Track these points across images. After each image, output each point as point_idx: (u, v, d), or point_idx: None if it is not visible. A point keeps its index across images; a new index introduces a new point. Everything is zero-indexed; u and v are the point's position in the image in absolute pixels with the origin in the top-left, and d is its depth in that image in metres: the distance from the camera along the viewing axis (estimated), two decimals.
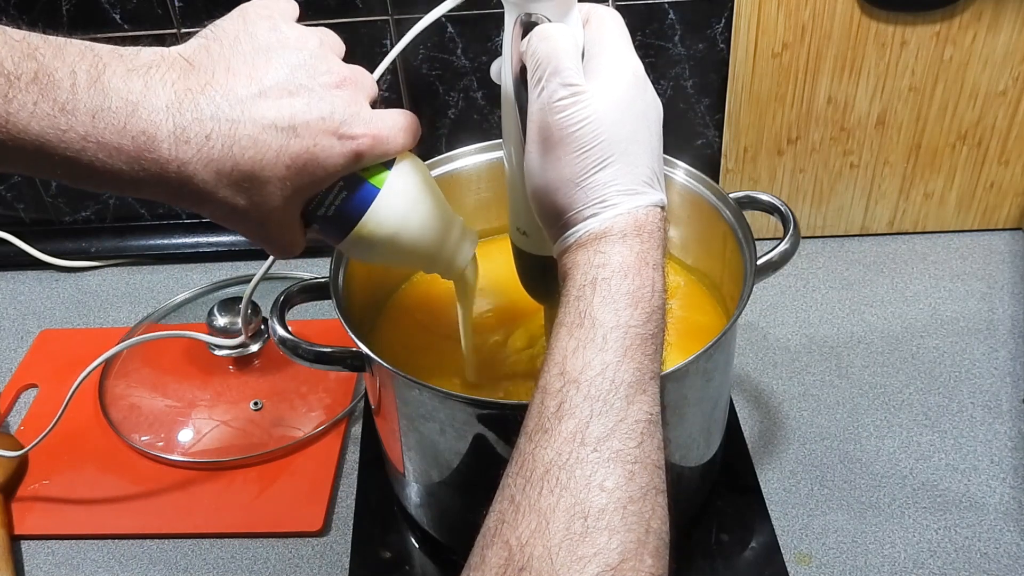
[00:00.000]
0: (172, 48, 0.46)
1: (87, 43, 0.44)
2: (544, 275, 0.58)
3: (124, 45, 0.45)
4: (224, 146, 0.45)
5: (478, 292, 0.71)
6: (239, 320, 0.83)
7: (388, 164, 0.53)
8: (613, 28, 0.50)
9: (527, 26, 0.49)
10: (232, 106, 0.45)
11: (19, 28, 0.42)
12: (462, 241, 0.59)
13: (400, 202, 0.53)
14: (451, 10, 0.53)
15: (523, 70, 0.49)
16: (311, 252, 1.01)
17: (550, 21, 0.49)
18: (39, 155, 0.42)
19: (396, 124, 0.51)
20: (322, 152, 0.48)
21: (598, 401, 0.42)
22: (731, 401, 0.78)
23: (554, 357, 0.44)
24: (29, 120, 0.41)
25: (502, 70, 0.52)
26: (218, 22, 0.48)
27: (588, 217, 0.47)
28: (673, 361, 0.55)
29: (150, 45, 0.46)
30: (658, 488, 0.42)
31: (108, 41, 0.44)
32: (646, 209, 0.47)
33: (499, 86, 0.54)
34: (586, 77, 0.47)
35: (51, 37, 0.43)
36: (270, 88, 0.46)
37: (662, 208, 0.48)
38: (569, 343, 0.43)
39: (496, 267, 0.74)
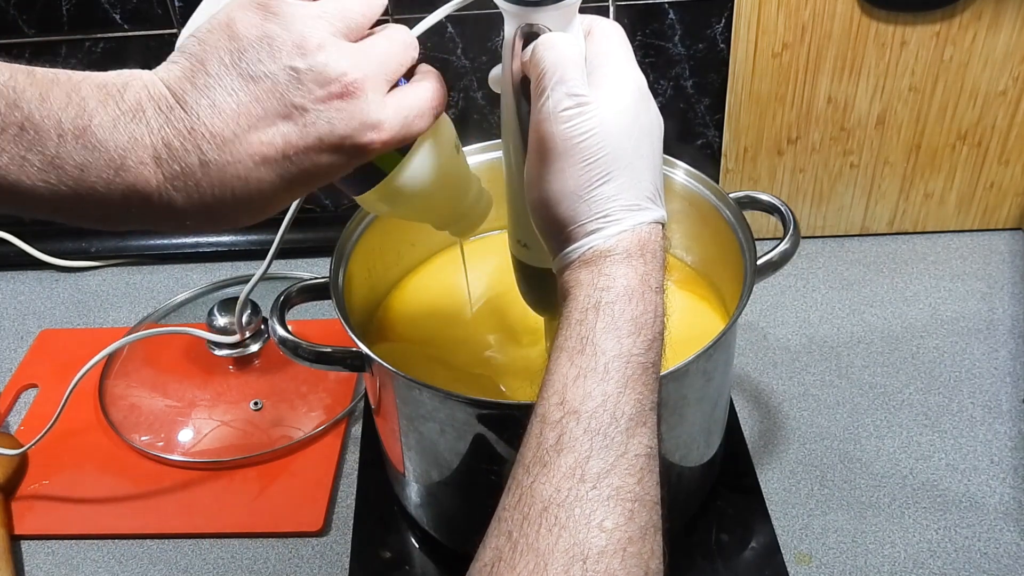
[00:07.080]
0: (159, 75, 0.43)
1: (73, 81, 0.42)
2: (546, 287, 0.57)
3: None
4: (215, 189, 0.43)
5: (476, 291, 0.71)
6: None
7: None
8: (615, 41, 0.48)
9: (528, 36, 0.48)
10: (219, 149, 0.42)
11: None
12: (478, 203, 0.57)
13: (419, 173, 0.51)
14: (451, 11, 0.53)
15: (523, 80, 0.48)
16: (311, 252, 1.02)
17: (551, 32, 0.48)
18: (27, 203, 0.41)
19: (414, 110, 0.46)
20: (324, 168, 0.45)
21: (598, 435, 0.41)
22: (731, 401, 0.78)
23: (554, 384, 0.43)
24: (19, 174, 0.40)
25: (501, 80, 0.51)
26: (203, 27, 0.43)
27: (591, 232, 0.45)
28: (673, 361, 0.55)
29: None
30: (656, 526, 0.41)
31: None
32: (649, 226, 0.46)
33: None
34: (589, 88, 0.46)
35: (38, 72, 0.41)
36: (259, 119, 0.43)
37: (663, 225, 0.47)
38: (570, 371, 0.42)
39: (496, 264, 0.74)
